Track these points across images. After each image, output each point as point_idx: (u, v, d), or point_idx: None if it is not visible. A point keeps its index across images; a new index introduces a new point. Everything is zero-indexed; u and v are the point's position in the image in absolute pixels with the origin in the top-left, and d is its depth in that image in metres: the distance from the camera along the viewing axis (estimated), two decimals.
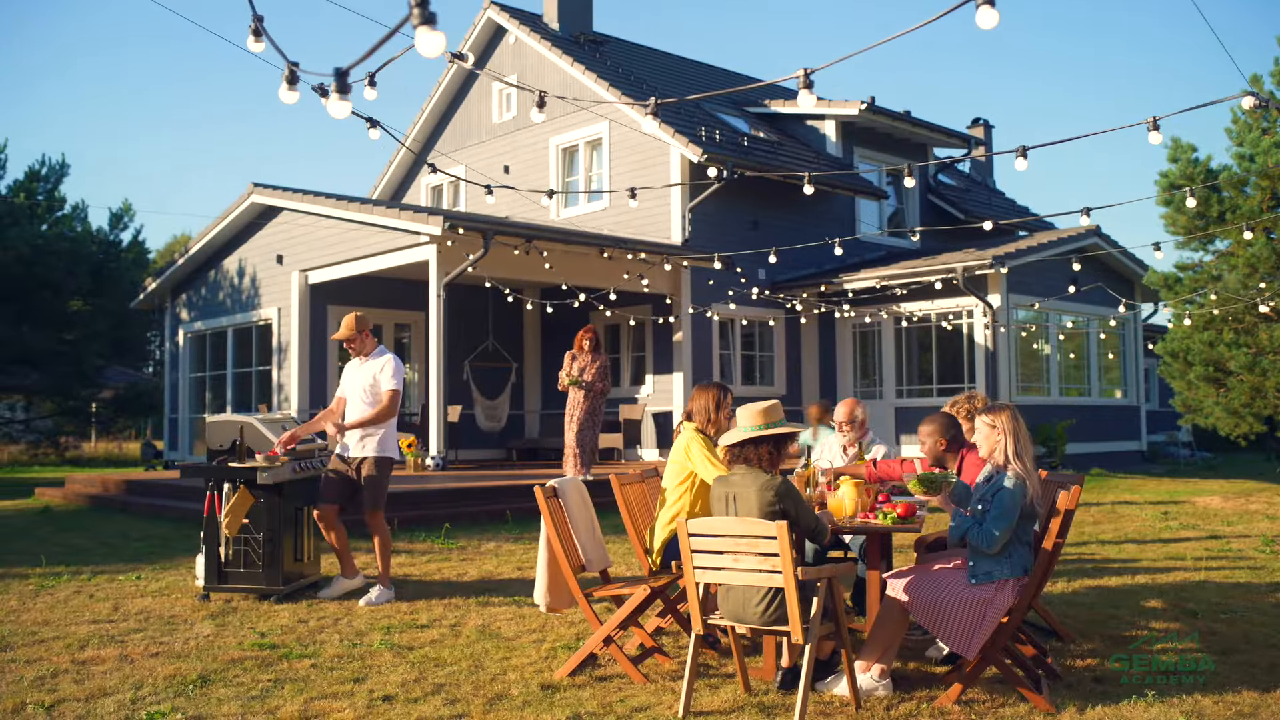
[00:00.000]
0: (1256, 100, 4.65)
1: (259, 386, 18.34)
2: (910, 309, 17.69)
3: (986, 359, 16.68)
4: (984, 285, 16.65)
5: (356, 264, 16.19)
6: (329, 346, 17.65)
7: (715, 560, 4.45)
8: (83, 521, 12.06)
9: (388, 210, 14.76)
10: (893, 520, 5.00)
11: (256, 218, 18.09)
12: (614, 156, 18.79)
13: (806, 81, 4.10)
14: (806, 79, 4.12)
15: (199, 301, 19.86)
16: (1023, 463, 4.84)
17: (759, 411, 4.66)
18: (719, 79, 23.32)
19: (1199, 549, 9.35)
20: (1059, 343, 18.05)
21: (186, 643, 5.85)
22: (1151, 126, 5.18)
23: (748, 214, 18.17)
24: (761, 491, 4.49)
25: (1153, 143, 5.16)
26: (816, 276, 18.49)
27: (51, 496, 14.75)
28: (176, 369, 20.55)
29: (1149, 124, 5.12)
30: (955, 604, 4.68)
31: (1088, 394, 18.66)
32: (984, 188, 24.91)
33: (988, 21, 3.14)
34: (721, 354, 18.25)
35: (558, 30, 20.77)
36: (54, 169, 24.74)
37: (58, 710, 4.62)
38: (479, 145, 21.42)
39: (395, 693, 4.86)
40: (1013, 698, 4.69)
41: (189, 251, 19.48)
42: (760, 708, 4.60)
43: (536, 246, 15.03)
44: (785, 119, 21.01)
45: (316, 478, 7.69)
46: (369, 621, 6.42)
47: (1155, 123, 5.14)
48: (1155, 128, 5.20)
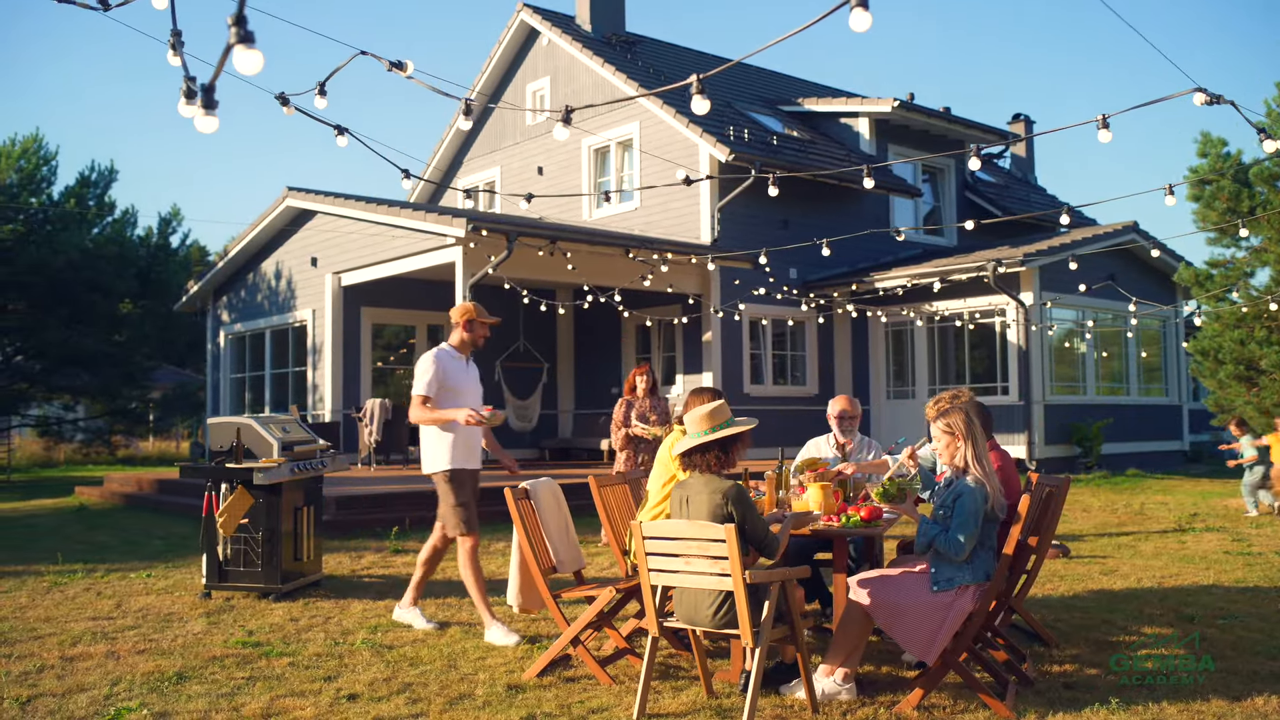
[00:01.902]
0: (1207, 96, 4.53)
1: (295, 387, 18.61)
2: (943, 307, 17.50)
3: (1019, 358, 16.46)
4: (1016, 283, 16.42)
5: (387, 266, 16.37)
6: (362, 347, 17.87)
7: (668, 563, 4.46)
8: (113, 520, 12.34)
9: (414, 212, 14.91)
10: (855, 523, 4.96)
11: (291, 221, 18.37)
12: (645, 156, 18.82)
13: (699, 87, 4.08)
14: (700, 85, 4.10)
15: (238, 304, 20.21)
16: (982, 466, 4.77)
17: (703, 416, 4.64)
18: (752, 78, 23.23)
19: (1217, 551, 9.17)
20: (1096, 340, 17.74)
21: (174, 640, 5.98)
22: (1101, 125, 5.05)
23: (778, 213, 18.08)
24: (711, 495, 4.49)
25: (1102, 140, 5.05)
26: (849, 275, 18.35)
27: (89, 495, 15.11)
28: (218, 369, 20.93)
29: (1099, 121, 4.99)
30: (915, 608, 4.64)
31: (1126, 393, 18.33)
32: (1024, 184, 24.55)
33: (861, 24, 3.11)
34: (752, 354, 18.18)
35: (590, 32, 20.84)
36: (103, 175, 25.30)
37: (32, 705, 4.75)
38: (514, 147, 21.56)
39: (361, 691, 4.92)
40: (975, 704, 4.64)
41: (228, 255, 19.83)
42: (717, 711, 4.60)
43: (561, 248, 15.10)
44: (818, 117, 20.88)
45: (318, 478, 7.81)
46: (359, 620, 6.51)
47: (1105, 120, 5.01)
48: (1105, 126, 5.07)
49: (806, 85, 24.53)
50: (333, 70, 4.18)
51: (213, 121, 2.75)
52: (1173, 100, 4.73)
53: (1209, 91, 4.47)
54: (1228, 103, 4.50)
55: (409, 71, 4.34)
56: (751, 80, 22.98)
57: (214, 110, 2.71)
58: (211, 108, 2.69)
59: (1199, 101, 4.51)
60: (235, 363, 20.58)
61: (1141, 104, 4.76)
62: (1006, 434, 16.60)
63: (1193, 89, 4.54)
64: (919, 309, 17.78)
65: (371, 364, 18.29)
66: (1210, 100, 4.44)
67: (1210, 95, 4.47)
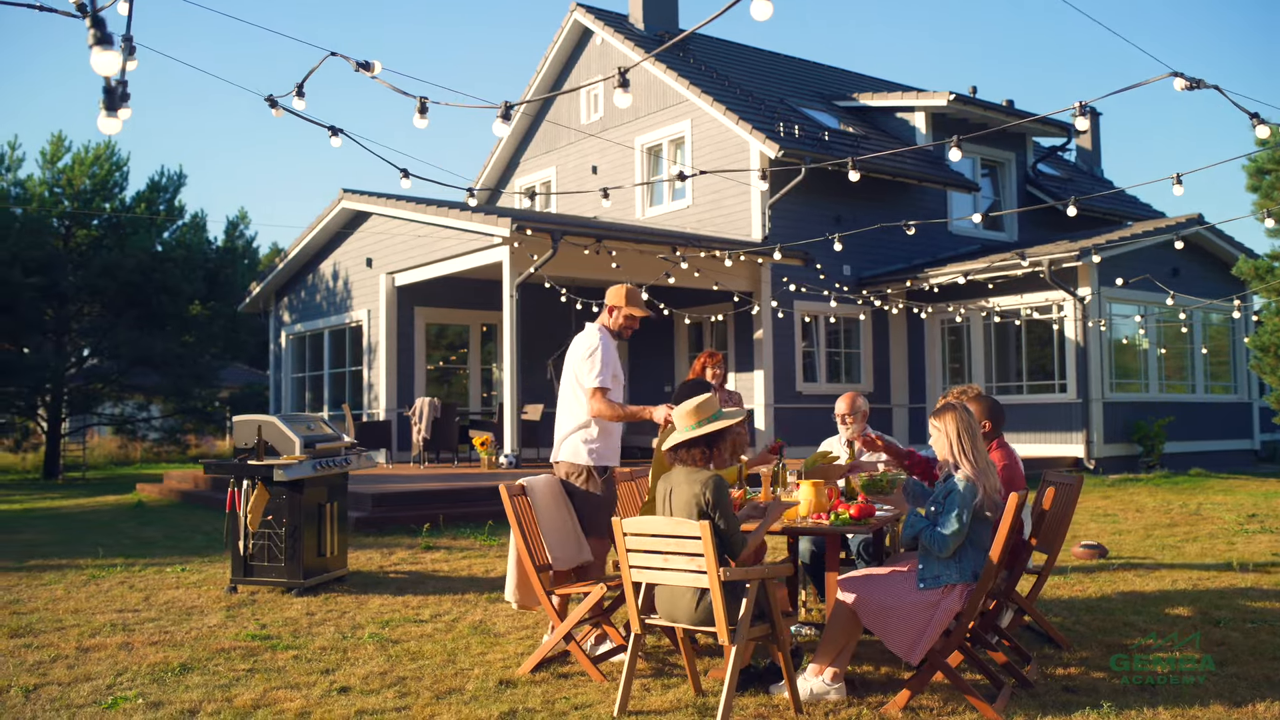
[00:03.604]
0: (1187, 82, 4.34)
1: (352, 386, 18.92)
2: (999, 304, 17.18)
3: (1077, 354, 16.09)
4: (1073, 278, 16.05)
5: (438, 266, 16.56)
6: (416, 346, 18.10)
7: (648, 560, 4.44)
8: (166, 516, 12.65)
9: (461, 212, 15.05)
10: (845, 521, 4.89)
11: (347, 223, 18.68)
12: (696, 154, 18.78)
13: (621, 81, 4.03)
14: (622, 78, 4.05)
15: (298, 304, 20.60)
16: (974, 463, 4.67)
17: (689, 412, 4.62)
18: (806, 73, 23.04)
19: (1266, 553, 8.85)
20: (1158, 336, 17.27)
21: (189, 633, 6.11)
22: (1078, 112, 4.89)
23: (830, 210, 17.91)
24: (690, 485, 4.47)
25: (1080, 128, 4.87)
26: (903, 272, 18.11)
27: (149, 492, 15.51)
28: (280, 369, 21.37)
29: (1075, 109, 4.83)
30: (900, 608, 4.55)
31: (1191, 390, 17.81)
32: (1089, 177, 23.99)
33: (761, 13, 3.06)
34: (805, 351, 18.05)
35: (643, 30, 20.85)
36: (172, 179, 25.95)
37: (36, 694, 4.88)
38: (569, 146, 21.67)
39: (354, 684, 4.98)
40: (964, 706, 4.54)
41: (288, 256, 20.22)
42: (700, 709, 4.56)
43: (607, 246, 15.13)
44: (874, 112, 20.63)
45: (343, 475, 7.92)
46: (373, 615, 6.59)
47: (1081, 108, 4.85)
48: (1082, 113, 4.91)
49: (865, 80, 24.26)
50: (307, 73, 4.24)
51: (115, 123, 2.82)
52: None
53: (1187, 76, 4.30)
54: (1210, 87, 4.32)
55: (376, 72, 4.38)
56: (808, 76, 22.80)
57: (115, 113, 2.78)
58: (113, 110, 2.76)
59: (1179, 87, 4.34)
60: (296, 362, 20.98)
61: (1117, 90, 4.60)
62: (1063, 433, 16.26)
63: (1169, 73, 4.37)
64: (974, 305, 17.48)
65: (425, 363, 18.50)
66: (1190, 85, 4.27)
67: (1190, 80, 4.30)
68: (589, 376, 5.49)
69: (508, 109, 5.65)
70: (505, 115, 5.78)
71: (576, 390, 5.63)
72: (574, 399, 5.65)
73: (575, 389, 5.64)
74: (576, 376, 5.62)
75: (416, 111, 5.31)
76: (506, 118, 5.81)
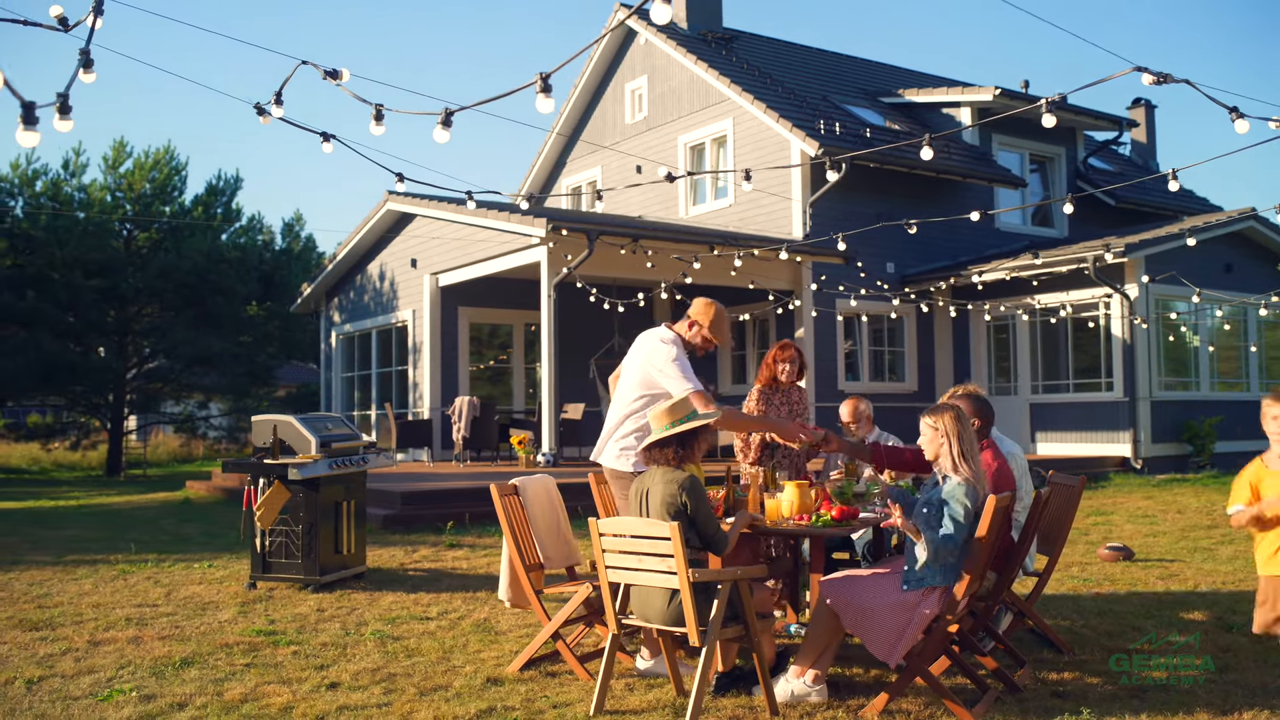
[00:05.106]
0: (1154, 76, 4.22)
1: (398, 386, 19.16)
2: (1045, 301, 16.89)
3: (1124, 352, 15.78)
4: (1120, 274, 15.74)
5: (479, 266, 16.71)
6: (460, 346, 18.27)
7: (623, 560, 4.46)
8: (208, 513, 12.93)
9: (499, 213, 15.17)
10: (827, 522, 4.86)
11: (393, 225, 18.93)
12: (738, 152, 18.73)
13: (544, 86, 4.02)
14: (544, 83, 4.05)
15: (347, 305, 20.91)
16: (970, 466, 4.62)
17: (663, 412, 4.64)
18: (852, 69, 22.85)
19: None
20: (1210, 334, 16.86)
21: (198, 628, 6.25)
22: (1045, 109, 4.77)
23: (872, 207, 17.74)
24: (666, 485, 4.48)
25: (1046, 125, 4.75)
26: (948, 269, 17.88)
27: (196, 490, 15.86)
28: (330, 369, 21.71)
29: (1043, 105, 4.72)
30: (880, 609, 4.52)
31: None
32: (1144, 172, 23.48)
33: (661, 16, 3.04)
34: (848, 350, 17.92)
35: (686, 29, 20.84)
36: (229, 183, 26.52)
37: (38, 686, 5.04)
38: (613, 146, 21.73)
39: (344, 680, 5.06)
40: (945, 710, 4.50)
41: (337, 258, 20.54)
42: (678, 710, 4.57)
43: (644, 245, 15.14)
44: (918, 108, 20.39)
45: (362, 474, 8.04)
46: (382, 612, 6.68)
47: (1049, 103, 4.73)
48: (1049, 110, 4.78)
49: (912, 75, 24.00)
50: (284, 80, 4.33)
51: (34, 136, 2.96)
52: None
53: (1153, 70, 4.18)
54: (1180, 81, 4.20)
55: (344, 80, 4.45)
56: (853, 73, 22.62)
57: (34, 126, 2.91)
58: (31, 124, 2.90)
59: (1146, 81, 4.23)
60: (345, 362, 21.30)
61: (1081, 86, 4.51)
62: (1110, 432, 15.96)
63: (1133, 68, 4.25)
64: (1019, 303, 17.21)
65: (469, 362, 18.67)
66: (1158, 80, 4.15)
67: (1156, 74, 4.18)
68: (678, 383, 5.08)
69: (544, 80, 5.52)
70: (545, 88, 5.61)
71: (635, 391, 5.36)
72: (629, 400, 5.38)
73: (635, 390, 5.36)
74: (655, 381, 5.27)
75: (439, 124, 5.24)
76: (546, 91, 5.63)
